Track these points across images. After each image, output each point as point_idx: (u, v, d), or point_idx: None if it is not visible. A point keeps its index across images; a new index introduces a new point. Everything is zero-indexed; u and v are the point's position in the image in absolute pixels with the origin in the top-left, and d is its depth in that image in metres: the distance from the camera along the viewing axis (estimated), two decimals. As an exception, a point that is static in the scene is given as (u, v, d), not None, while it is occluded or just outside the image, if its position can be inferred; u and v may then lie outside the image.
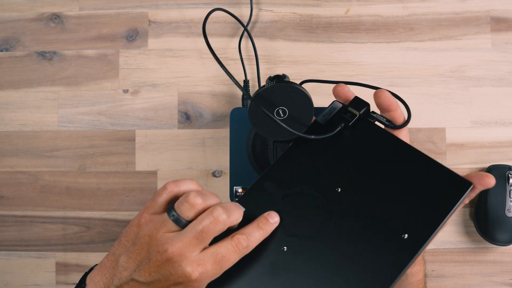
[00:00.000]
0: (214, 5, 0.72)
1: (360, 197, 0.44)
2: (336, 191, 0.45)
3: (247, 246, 0.42)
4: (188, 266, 0.40)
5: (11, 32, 0.74)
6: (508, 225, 0.65)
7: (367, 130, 0.47)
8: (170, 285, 0.41)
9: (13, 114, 0.73)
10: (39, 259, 0.71)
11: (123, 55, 0.73)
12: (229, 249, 0.41)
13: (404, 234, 0.41)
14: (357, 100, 0.49)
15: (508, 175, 0.65)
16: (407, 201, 0.42)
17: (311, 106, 0.48)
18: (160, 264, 0.41)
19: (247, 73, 0.71)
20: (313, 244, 0.43)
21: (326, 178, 0.46)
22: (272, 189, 0.47)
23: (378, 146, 0.46)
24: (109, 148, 0.72)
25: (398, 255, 0.40)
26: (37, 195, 0.72)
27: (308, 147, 0.48)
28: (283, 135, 0.48)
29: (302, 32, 0.72)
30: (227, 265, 0.41)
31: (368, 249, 0.41)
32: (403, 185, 0.43)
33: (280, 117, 0.48)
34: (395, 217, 0.42)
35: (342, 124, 0.48)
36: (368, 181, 0.44)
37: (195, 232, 0.41)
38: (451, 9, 0.71)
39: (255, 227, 0.43)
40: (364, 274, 0.40)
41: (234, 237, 0.42)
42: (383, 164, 0.45)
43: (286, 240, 0.43)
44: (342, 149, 0.47)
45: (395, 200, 0.42)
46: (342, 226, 0.43)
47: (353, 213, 0.43)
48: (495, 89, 0.70)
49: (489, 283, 0.68)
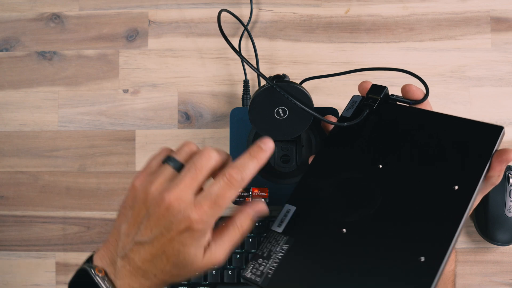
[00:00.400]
0: (214, 5, 0.72)
1: (403, 168, 0.46)
2: (378, 168, 0.47)
3: (241, 179, 0.41)
4: (187, 209, 0.40)
5: (11, 32, 0.74)
6: (508, 225, 0.65)
7: (391, 110, 0.50)
8: (174, 236, 0.40)
9: (13, 114, 0.73)
10: (39, 259, 0.71)
11: (123, 55, 0.73)
12: (222, 186, 0.40)
13: (454, 186, 0.43)
14: (374, 87, 0.52)
15: (508, 175, 0.65)
16: (449, 159, 0.44)
17: (311, 106, 0.48)
18: (160, 216, 0.40)
19: (247, 73, 0.71)
20: (371, 222, 0.44)
21: (365, 159, 0.48)
22: (318, 183, 0.48)
23: (405, 120, 0.49)
24: (109, 148, 0.72)
25: (453, 207, 0.42)
26: (37, 195, 0.72)
27: (339, 140, 0.50)
28: (283, 135, 0.48)
29: (302, 32, 0.72)
30: (225, 202, 0.40)
31: (423, 211, 0.43)
32: (441, 147, 0.45)
33: (280, 117, 0.48)
34: (441, 175, 0.44)
35: (367, 110, 0.50)
36: (406, 152, 0.47)
37: (189, 173, 0.41)
38: (451, 9, 0.71)
39: (247, 157, 0.42)
40: (425, 235, 0.41)
41: (225, 172, 0.41)
42: (415, 133, 0.47)
43: (344, 223, 0.44)
44: (372, 132, 0.49)
45: (437, 161, 0.45)
46: (394, 198, 0.44)
47: (401, 182, 0.45)
48: (495, 89, 0.70)
49: (489, 283, 0.68)
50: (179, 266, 0.42)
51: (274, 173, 0.64)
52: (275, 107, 0.47)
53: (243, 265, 0.65)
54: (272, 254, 0.45)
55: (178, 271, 0.42)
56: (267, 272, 0.44)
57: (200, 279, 0.65)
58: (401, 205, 0.44)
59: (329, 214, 0.46)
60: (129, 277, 0.42)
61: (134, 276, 0.42)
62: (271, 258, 0.45)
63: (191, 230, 0.40)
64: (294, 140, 0.64)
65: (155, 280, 0.43)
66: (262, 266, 0.44)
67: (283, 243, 0.45)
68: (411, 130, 0.48)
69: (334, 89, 0.70)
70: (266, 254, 0.45)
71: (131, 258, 0.42)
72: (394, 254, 0.41)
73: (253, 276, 0.44)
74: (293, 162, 0.64)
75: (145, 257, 0.42)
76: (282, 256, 0.44)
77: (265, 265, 0.44)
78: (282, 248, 0.45)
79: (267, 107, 0.47)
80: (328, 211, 0.46)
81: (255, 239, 0.65)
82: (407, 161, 0.46)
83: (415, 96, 0.51)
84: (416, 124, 0.48)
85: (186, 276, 0.43)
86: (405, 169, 0.46)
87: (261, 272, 0.44)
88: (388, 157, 0.47)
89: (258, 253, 0.46)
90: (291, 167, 0.64)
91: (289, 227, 0.46)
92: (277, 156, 0.64)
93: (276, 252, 0.45)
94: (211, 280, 0.65)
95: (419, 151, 0.46)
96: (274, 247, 0.45)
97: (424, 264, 0.40)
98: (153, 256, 0.41)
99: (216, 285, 0.65)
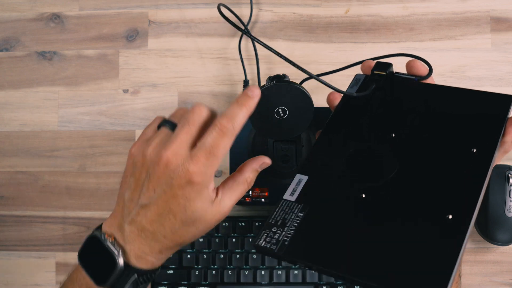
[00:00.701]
0: (214, 5, 0.72)
1: (417, 135, 0.46)
2: (391, 137, 0.46)
3: (232, 128, 0.41)
4: (184, 163, 0.40)
5: (11, 32, 0.74)
6: (508, 225, 0.65)
7: (398, 85, 0.50)
8: (177, 192, 0.41)
9: (13, 114, 0.73)
10: (39, 259, 0.71)
11: (123, 55, 0.73)
12: (215, 136, 0.41)
13: (472, 149, 0.43)
14: (379, 63, 0.51)
15: (508, 175, 0.65)
16: (464, 126, 0.45)
17: (311, 106, 0.48)
18: (160, 174, 0.41)
19: (247, 73, 0.71)
20: (390, 186, 0.43)
21: (376, 129, 0.48)
22: (329, 153, 0.48)
23: (413, 94, 0.49)
24: (109, 148, 0.72)
25: (474, 167, 0.42)
26: (37, 195, 0.72)
27: (347, 114, 0.50)
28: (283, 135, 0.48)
29: (302, 32, 0.72)
30: (220, 152, 0.41)
31: (444, 173, 0.43)
32: (454, 116, 0.46)
33: (280, 117, 0.48)
34: (458, 140, 0.44)
35: (374, 85, 0.50)
36: (418, 121, 0.47)
37: (183, 128, 0.41)
38: (451, 9, 0.71)
39: (236, 106, 0.42)
40: (449, 195, 0.41)
41: (217, 123, 0.41)
42: (425, 105, 0.48)
43: (361, 189, 0.44)
44: (380, 106, 0.49)
45: (451, 128, 0.45)
46: (411, 163, 0.44)
47: (417, 148, 0.45)
48: (495, 89, 0.70)
49: (489, 283, 0.68)
50: (188, 222, 0.42)
51: (274, 173, 0.64)
52: (275, 107, 0.47)
53: (243, 265, 0.65)
54: (287, 222, 0.43)
55: (187, 229, 0.42)
56: (283, 240, 0.42)
57: (200, 279, 0.65)
58: (420, 169, 0.44)
59: (345, 181, 0.45)
60: (138, 241, 0.43)
61: (143, 239, 0.42)
62: (286, 226, 0.43)
63: (192, 183, 0.40)
64: (294, 140, 0.64)
65: (166, 241, 0.43)
66: (277, 234, 0.43)
67: (298, 210, 0.44)
68: (421, 102, 0.48)
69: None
70: (280, 222, 0.43)
71: (138, 221, 0.42)
72: (419, 214, 0.41)
73: (267, 244, 0.42)
74: (293, 162, 0.64)
75: (152, 218, 0.42)
76: (298, 223, 0.43)
77: (280, 233, 0.43)
78: (297, 216, 0.43)
79: (267, 107, 0.47)
80: (343, 178, 0.45)
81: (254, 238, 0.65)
82: (420, 129, 0.46)
83: (420, 72, 0.51)
84: (425, 97, 0.48)
85: (196, 234, 0.43)
86: (419, 137, 0.46)
87: (277, 240, 0.42)
88: (400, 127, 0.47)
89: (270, 221, 0.44)
90: (291, 167, 0.64)
91: (303, 195, 0.45)
92: (277, 156, 0.64)
93: (291, 220, 0.43)
94: (211, 280, 0.65)
95: (432, 120, 0.46)
96: (288, 215, 0.44)
97: (453, 222, 0.39)
98: (160, 216, 0.42)
99: (216, 285, 0.65)
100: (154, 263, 0.44)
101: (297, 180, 0.46)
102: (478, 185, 0.41)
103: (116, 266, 0.42)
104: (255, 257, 0.65)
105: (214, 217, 0.43)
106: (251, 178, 0.46)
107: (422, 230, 0.40)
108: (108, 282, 0.43)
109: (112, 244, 0.43)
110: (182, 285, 0.65)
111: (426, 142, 0.45)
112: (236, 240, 0.65)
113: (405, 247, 0.39)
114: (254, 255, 0.65)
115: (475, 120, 0.45)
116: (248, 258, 0.65)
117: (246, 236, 0.65)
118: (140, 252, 0.43)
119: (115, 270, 0.42)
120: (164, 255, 0.44)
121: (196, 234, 0.43)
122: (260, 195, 0.65)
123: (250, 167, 0.46)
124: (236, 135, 0.42)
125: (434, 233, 0.39)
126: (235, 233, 0.66)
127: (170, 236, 0.42)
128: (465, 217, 0.39)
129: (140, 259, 0.43)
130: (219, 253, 0.65)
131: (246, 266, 0.65)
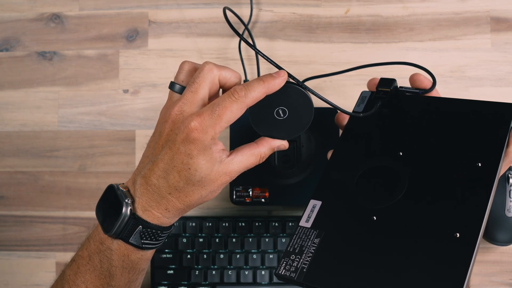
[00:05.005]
0: (214, 5, 0.72)
1: (423, 152, 0.47)
2: (398, 155, 0.48)
3: (244, 95, 0.43)
4: (187, 119, 0.42)
5: (11, 32, 0.74)
6: (508, 225, 0.65)
7: (402, 100, 0.52)
8: (179, 148, 0.42)
9: (13, 114, 0.73)
10: (39, 259, 0.71)
11: (123, 55, 0.73)
12: (224, 98, 0.42)
13: (477, 163, 0.44)
14: (383, 80, 0.53)
15: (508, 175, 0.65)
16: (467, 139, 0.46)
17: (311, 106, 0.48)
18: (168, 131, 0.43)
19: (247, 73, 0.71)
20: (400, 206, 0.45)
21: (384, 148, 0.49)
22: (340, 176, 0.49)
23: (418, 108, 0.50)
24: (109, 148, 0.72)
25: (479, 183, 0.43)
26: (37, 195, 0.72)
27: (355, 133, 0.51)
28: (283, 135, 0.48)
29: (302, 32, 0.72)
30: (226, 115, 0.42)
31: (450, 190, 0.44)
32: (457, 129, 0.47)
33: (280, 117, 0.48)
34: (462, 154, 0.45)
35: (379, 102, 0.51)
36: (424, 137, 0.48)
37: (189, 88, 0.44)
38: (451, 9, 0.71)
39: (257, 80, 0.44)
40: (456, 212, 0.42)
41: (232, 89, 0.43)
42: (430, 119, 0.49)
43: (373, 211, 0.45)
44: (387, 123, 0.51)
45: (456, 142, 0.46)
46: (419, 181, 0.45)
47: (424, 165, 0.46)
48: (495, 89, 0.70)
49: (489, 283, 0.68)
50: (193, 181, 0.43)
51: (274, 173, 0.64)
52: (275, 107, 0.47)
53: (243, 265, 0.65)
54: (304, 249, 0.45)
55: (192, 188, 0.44)
56: (301, 267, 0.44)
57: (200, 279, 0.65)
58: (427, 187, 0.45)
59: (357, 205, 0.46)
60: (146, 195, 0.44)
61: (150, 194, 0.44)
62: (304, 253, 0.44)
63: (191, 139, 0.42)
64: (294, 140, 0.64)
65: (172, 199, 0.44)
66: (295, 262, 0.44)
67: (314, 237, 0.45)
68: (425, 116, 0.49)
69: (334, 89, 0.70)
70: (298, 250, 0.45)
71: (147, 176, 0.44)
72: (428, 233, 0.42)
73: (287, 272, 0.44)
74: (293, 162, 0.64)
75: (159, 173, 0.43)
76: (314, 249, 0.44)
77: (299, 260, 0.44)
78: (313, 242, 0.45)
79: (267, 107, 0.47)
80: (355, 201, 0.47)
81: (255, 238, 0.65)
82: (426, 145, 0.47)
83: (423, 85, 0.52)
84: (429, 110, 0.50)
85: (203, 194, 0.44)
86: (425, 153, 0.47)
87: (295, 268, 0.44)
88: (406, 144, 0.48)
89: (289, 249, 0.45)
90: (291, 167, 0.64)
91: (318, 221, 0.46)
92: (277, 156, 0.64)
93: (308, 247, 0.45)
94: (211, 280, 0.65)
95: (437, 135, 0.47)
96: (305, 242, 0.45)
97: (460, 239, 0.41)
98: (165, 172, 0.43)
99: (216, 285, 0.65)
100: (161, 219, 0.45)
101: (312, 206, 0.48)
102: (484, 202, 0.42)
103: (121, 213, 0.43)
104: (255, 257, 0.65)
105: (219, 178, 0.44)
106: (265, 154, 0.47)
107: (433, 251, 0.41)
108: (113, 229, 0.44)
109: (123, 193, 0.44)
110: (182, 285, 0.65)
111: (432, 159, 0.46)
112: (236, 240, 0.65)
113: (418, 268, 0.41)
114: (254, 255, 0.65)
115: (479, 132, 0.46)
116: (248, 258, 0.65)
117: (246, 236, 0.65)
118: (147, 205, 0.44)
119: (120, 217, 0.43)
120: (172, 213, 0.45)
121: (203, 194, 0.44)
122: (260, 195, 0.65)
123: (268, 144, 0.47)
124: (247, 106, 0.43)
125: (444, 252, 0.41)
126: (235, 233, 0.66)
127: (175, 194, 0.44)
128: (472, 234, 0.41)
129: (146, 212, 0.44)
130: (219, 253, 0.65)
131: (246, 266, 0.65)
